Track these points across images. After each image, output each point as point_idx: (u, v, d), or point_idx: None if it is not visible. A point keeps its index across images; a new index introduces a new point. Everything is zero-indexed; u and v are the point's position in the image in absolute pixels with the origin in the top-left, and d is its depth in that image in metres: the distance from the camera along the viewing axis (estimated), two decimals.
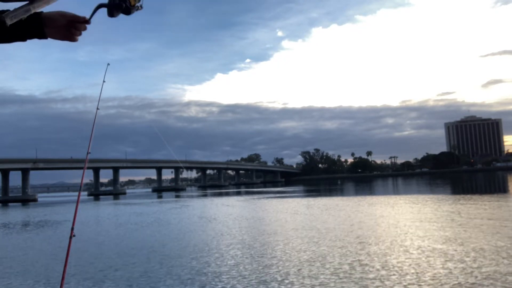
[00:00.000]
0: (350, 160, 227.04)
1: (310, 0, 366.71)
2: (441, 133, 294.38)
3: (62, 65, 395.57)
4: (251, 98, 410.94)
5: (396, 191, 53.63)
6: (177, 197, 72.57)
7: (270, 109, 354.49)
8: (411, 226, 17.32)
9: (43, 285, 10.45)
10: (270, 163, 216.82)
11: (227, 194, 72.15)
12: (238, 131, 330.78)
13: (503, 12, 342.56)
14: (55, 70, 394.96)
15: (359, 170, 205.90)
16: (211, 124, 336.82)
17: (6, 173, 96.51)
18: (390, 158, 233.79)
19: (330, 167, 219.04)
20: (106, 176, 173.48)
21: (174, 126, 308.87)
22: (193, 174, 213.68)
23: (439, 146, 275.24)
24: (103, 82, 4.11)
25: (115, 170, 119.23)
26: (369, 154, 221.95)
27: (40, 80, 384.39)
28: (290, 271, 10.27)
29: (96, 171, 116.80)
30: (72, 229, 3.08)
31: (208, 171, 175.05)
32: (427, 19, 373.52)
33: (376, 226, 18.15)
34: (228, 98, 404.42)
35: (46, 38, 1.53)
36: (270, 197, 52.90)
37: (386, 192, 53.38)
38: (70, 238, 3.10)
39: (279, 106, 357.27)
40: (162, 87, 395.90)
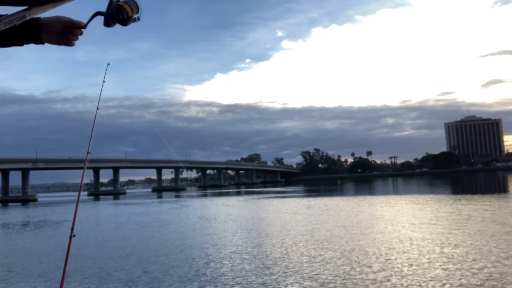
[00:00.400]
0: (350, 160, 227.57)
1: (310, 0, 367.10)
2: (441, 133, 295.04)
3: (62, 65, 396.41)
4: (251, 98, 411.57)
5: (396, 191, 53.60)
6: (177, 197, 72.57)
7: (270, 109, 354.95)
8: (412, 227, 17.31)
9: (43, 285, 10.44)
10: (270, 163, 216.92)
11: (227, 194, 72.14)
12: (238, 131, 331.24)
13: (503, 12, 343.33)
14: (55, 70, 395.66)
15: (359, 170, 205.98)
16: (211, 124, 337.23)
17: (6, 173, 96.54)
18: (390, 158, 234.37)
19: (330, 167, 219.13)
20: (106, 176, 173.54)
21: (174, 126, 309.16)
22: (193, 174, 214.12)
23: (439, 146, 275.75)
24: (103, 82, 4.10)
25: (115, 170, 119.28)
26: (369, 154, 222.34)
27: (40, 80, 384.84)
28: (290, 272, 10.27)
29: (96, 171, 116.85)
30: (72, 229, 3.07)
31: (208, 171, 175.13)
32: (427, 19, 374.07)
33: (376, 226, 18.14)
34: (228, 98, 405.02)
35: (43, 43, 1.53)
36: (270, 197, 52.88)
37: (386, 192, 53.34)
38: (70, 238, 3.10)
39: (279, 106, 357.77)
40: (162, 87, 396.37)
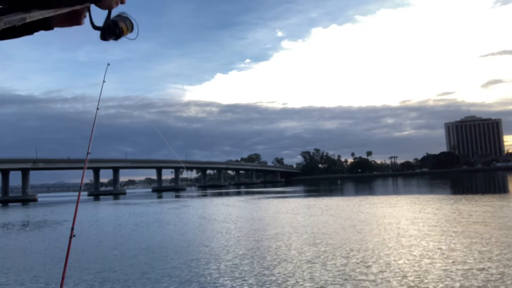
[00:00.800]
0: (350, 160, 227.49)
1: (310, 0, 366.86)
2: (441, 133, 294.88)
3: (62, 65, 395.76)
4: (251, 98, 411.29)
5: (396, 191, 53.58)
6: (177, 197, 72.57)
7: (270, 109, 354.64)
8: (412, 227, 17.31)
9: (43, 285, 10.43)
10: (270, 163, 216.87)
11: (227, 194, 72.13)
12: (238, 131, 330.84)
13: (503, 12, 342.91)
14: (55, 70, 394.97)
15: (359, 170, 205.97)
16: (211, 124, 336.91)
17: (6, 173, 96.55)
18: (390, 158, 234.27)
19: (330, 167, 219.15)
20: (106, 176, 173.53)
21: (174, 126, 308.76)
22: (193, 174, 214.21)
23: (439, 146, 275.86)
24: (103, 82, 4.10)
25: (115, 170, 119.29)
26: (369, 154, 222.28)
27: (40, 80, 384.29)
28: (290, 272, 10.26)
29: (96, 171, 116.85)
30: (72, 229, 3.07)
31: (208, 171, 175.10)
32: (427, 19, 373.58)
33: (377, 226, 18.13)
34: (228, 98, 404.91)
35: (52, 29, 1.53)
36: (270, 197, 52.87)
37: (386, 192, 53.33)
38: (70, 238, 3.09)
39: (279, 106, 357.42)
40: (162, 87, 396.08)
